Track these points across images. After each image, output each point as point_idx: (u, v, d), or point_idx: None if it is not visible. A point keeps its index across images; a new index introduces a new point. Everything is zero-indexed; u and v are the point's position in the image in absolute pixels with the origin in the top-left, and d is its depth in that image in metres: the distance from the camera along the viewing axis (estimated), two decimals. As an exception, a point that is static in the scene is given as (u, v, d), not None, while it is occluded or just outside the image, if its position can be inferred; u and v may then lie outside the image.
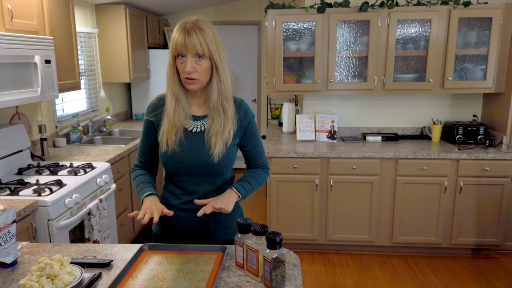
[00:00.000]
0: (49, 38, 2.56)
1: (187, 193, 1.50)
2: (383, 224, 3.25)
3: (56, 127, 3.35)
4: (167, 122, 1.45)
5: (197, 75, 1.39)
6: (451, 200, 3.16)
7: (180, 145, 1.45)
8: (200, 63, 1.37)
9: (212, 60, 1.39)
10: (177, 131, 1.45)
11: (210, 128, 1.46)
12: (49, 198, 2.10)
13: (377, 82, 3.31)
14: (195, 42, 1.34)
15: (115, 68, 4.08)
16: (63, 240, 2.20)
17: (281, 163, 3.18)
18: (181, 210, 1.51)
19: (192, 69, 1.37)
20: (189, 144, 1.46)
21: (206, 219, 1.50)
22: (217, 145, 1.43)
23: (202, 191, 1.50)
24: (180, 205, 1.51)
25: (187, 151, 1.45)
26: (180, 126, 1.45)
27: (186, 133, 1.47)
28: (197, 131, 1.48)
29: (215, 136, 1.44)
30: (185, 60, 1.37)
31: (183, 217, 1.51)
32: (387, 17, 3.20)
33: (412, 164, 3.11)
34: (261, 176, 1.59)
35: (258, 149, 1.58)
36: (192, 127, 1.48)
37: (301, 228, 3.30)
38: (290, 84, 3.43)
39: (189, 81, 1.40)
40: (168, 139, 1.44)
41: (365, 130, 3.70)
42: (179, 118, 1.45)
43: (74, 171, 2.53)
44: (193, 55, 1.36)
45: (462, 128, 3.34)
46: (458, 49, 3.23)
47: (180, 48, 1.36)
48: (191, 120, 1.48)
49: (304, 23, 3.32)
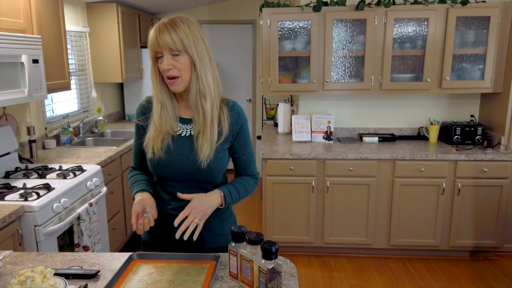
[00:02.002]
0: (36, 37, 2.48)
1: (177, 199, 1.42)
2: (380, 226, 3.20)
3: (45, 129, 3.26)
4: (153, 128, 1.39)
5: (177, 72, 1.31)
6: (449, 202, 3.12)
7: (167, 152, 1.38)
8: (178, 59, 1.30)
9: (189, 55, 1.32)
10: (163, 138, 1.38)
11: (194, 129, 1.39)
12: (36, 203, 2.02)
13: (374, 82, 3.26)
14: (166, 38, 1.27)
15: (107, 68, 4.00)
16: (50, 246, 2.13)
17: (276, 164, 3.12)
18: (171, 216, 1.43)
19: (170, 65, 1.30)
20: (177, 149, 1.39)
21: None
22: (203, 149, 1.36)
23: None
24: (170, 211, 1.44)
25: (174, 157, 1.38)
26: (167, 132, 1.38)
27: (173, 138, 1.40)
28: (186, 135, 1.41)
29: (201, 139, 1.37)
30: (163, 59, 1.31)
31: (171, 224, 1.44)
32: (384, 16, 3.14)
33: (410, 165, 3.06)
34: (250, 185, 1.51)
35: (249, 156, 1.50)
36: (180, 130, 1.41)
37: (297, 231, 3.24)
38: (286, 84, 3.37)
39: (171, 81, 1.33)
40: (154, 146, 1.37)
41: (361, 130, 3.65)
42: (165, 124, 1.38)
43: (63, 174, 2.45)
44: (168, 51, 1.29)
45: (460, 128, 3.29)
46: (455, 48, 3.18)
47: (154, 47, 1.30)
48: (179, 123, 1.41)
49: (300, 22, 3.26)
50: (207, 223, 1.41)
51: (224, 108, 1.43)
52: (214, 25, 5.36)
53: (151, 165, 1.41)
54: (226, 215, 1.52)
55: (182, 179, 1.40)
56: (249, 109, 5.56)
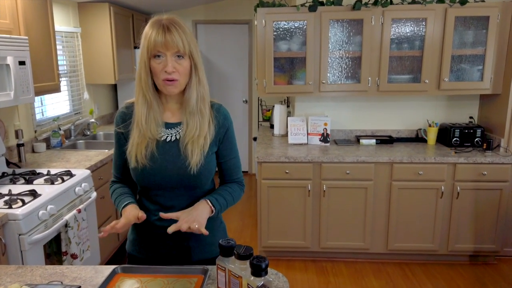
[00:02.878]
0: (23, 38, 2.40)
1: (163, 208, 1.36)
2: (378, 230, 3.13)
3: (35, 132, 3.18)
4: (137, 133, 1.31)
5: (178, 75, 1.26)
6: (448, 206, 3.06)
7: (151, 159, 1.31)
8: (181, 62, 1.25)
9: (192, 59, 1.27)
10: (147, 144, 1.31)
11: (185, 135, 1.32)
12: (20, 211, 1.95)
13: (371, 83, 3.19)
14: (177, 39, 1.22)
15: (99, 69, 3.92)
16: (36, 255, 2.05)
17: (272, 168, 3.05)
18: (157, 227, 1.37)
19: (173, 68, 1.24)
20: (163, 156, 1.32)
21: (185, 237, 1.36)
22: (194, 154, 1.30)
23: (180, 206, 1.36)
24: (156, 222, 1.36)
25: (160, 164, 1.31)
26: (152, 137, 1.31)
27: (158, 143, 1.32)
28: (171, 140, 1.33)
29: (191, 143, 1.31)
30: (163, 60, 1.24)
31: (160, 235, 1.37)
32: (381, 16, 3.08)
33: (408, 168, 2.99)
34: (237, 192, 1.45)
35: (235, 162, 1.44)
36: (164, 135, 1.34)
37: (293, 236, 3.17)
38: (281, 85, 3.30)
39: (169, 83, 1.26)
40: (138, 153, 1.30)
41: (358, 132, 3.58)
42: (151, 128, 1.30)
43: (51, 180, 2.38)
44: (173, 53, 1.24)
45: (459, 130, 3.23)
46: (454, 49, 3.12)
47: (160, 47, 1.23)
48: (163, 128, 1.34)
49: (295, 22, 3.19)
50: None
51: (210, 111, 1.38)
52: (209, 25, 5.28)
53: (135, 174, 1.33)
54: (216, 223, 1.45)
55: (169, 187, 1.33)
56: (245, 110, 5.49)
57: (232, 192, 1.43)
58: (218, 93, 5.38)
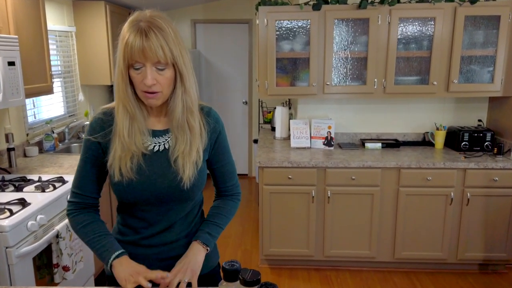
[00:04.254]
0: (13, 37, 2.27)
1: (150, 225, 1.22)
2: (384, 238, 3.01)
3: (27, 135, 3.05)
4: (120, 147, 1.14)
5: (159, 87, 1.10)
6: (458, 213, 2.94)
7: (138, 172, 1.16)
8: (163, 73, 1.09)
9: (176, 67, 1.11)
10: (133, 156, 1.15)
11: (174, 149, 1.18)
12: (7, 222, 1.82)
13: (377, 85, 3.07)
14: (155, 46, 1.05)
15: (95, 69, 3.79)
16: (25, 269, 1.92)
17: (274, 173, 2.93)
18: (142, 246, 1.23)
19: (154, 80, 1.08)
20: (150, 168, 1.17)
21: (174, 255, 1.23)
22: (186, 169, 1.16)
23: (169, 221, 1.23)
24: (141, 241, 1.23)
25: (148, 177, 1.17)
26: (137, 150, 1.16)
27: (145, 155, 1.18)
28: (159, 150, 1.19)
29: (182, 158, 1.17)
30: (142, 71, 1.08)
31: (145, 255, 1.23)
32: (388, 15, 2.96)
33: (416, 174, 2.87)
34: (231, 209, 1.33)
35: (229, 167, 1.31)
36: (152, 145, 1.19)
37: (296, 244, 3.04)
38: (284, 87, 3.18)
39: (150, 95, 1.11)
40: (122, 166, 1.14)
41: (363, 136, 3.46)
42: (135, 141, 1.15)
43: (42, 187, 2.25)
44: (154, 64, 1.07)
45: (468, 134, 3.11)
46: (464, 49, 3.00)
47: (137, 56, 1.06)
48: (149, 137, 1.19)
49: (299, 21, 3.07)
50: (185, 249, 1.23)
51: (200, 115, 1.24)
52: (208, 24, 5.15)
53: (118, 189, 1.17)
54: None
55: (157, 202, 1.19)
56: (245, 112, 5.36)
57: (226, 213, 1.31)
58: (217, 94, 5.25)
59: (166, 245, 1.23)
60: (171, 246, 1.24)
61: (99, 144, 1.19)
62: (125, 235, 1.25)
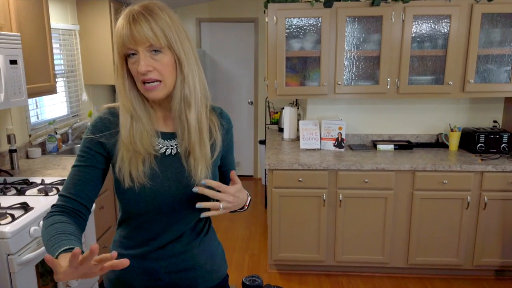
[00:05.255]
0: (15, 35, 2.19)
1: (158, 236, 1.12)
2: (398, 243, 2.91)
3: (29, 136, 2.96)
4: (125, 150, 1.05)
5: (158, 74, 1.00)
6: (474, 217, 2.84)
7: (151, 177, 1.06)
8: (158, 57, 1.00)
9: (173, 52, 1.01)
10: (144, 159, 1.05)
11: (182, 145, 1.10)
12: (9, 228, 1.73)
13: (390, 85, 2.97)
14: (144, 29, 0.97)
15: (99, 68, 3.70)
16: (27, 276, 1.83)
17: (284, 175, 2.83)
18: (149, 260, 1.13)
19: (149, 67, 0.99)
20: (164, 173, 1.07)
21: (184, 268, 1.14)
22: (198, 170, 1.07)
23: (179, 231, 1.13)
24: (148, 254, 1.13)
25: (161, 183, 1.07)
26: (146, 152, 1.06)
27: (157, 158, 1.08)
28: (171, 153, 1.10)
29: (192, 158, 1.08)
30: (137, 59, 0.99)
31: (153, 269, 1.13)
32: (402, 13, 2.86)
33: (431, 177, 2.78)
34: None
35: (234, 167, 1.27)
36: (163, 148, 1.09)
37: (307, 248, 2.95)
38: (293, 87, 3.08)
39: (149, 86, 1.01)
40: (132, 169, 1.04)
41: (375, 137, 3.36)
42: (142, 142, 1.05)
43: (45, 190, 2.16)
44: (146, 48, 0.99)
45: (484, 135, 3.01)
46: (480, 48, 2.90)
47: (126, 42, 0.98)
48: (160, 139, 1.10)
49: (309, 19, 2.97)
50: (195, 260, 1.14)
51: (213, 117, 1.15)
52: (214, 23, 5.07)
53: (128, 198, 1.06)
54: (214, 246, 1.24)
55: (169, 210, 1.08)
56: (251, 112, 5.27)
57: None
58: (222, 94, 5.16)
59: (175, 257, 1.14)
60: (180, 258, 1.14)
61: (101, 145, 1.07)
62: (129, 249, 1.14)
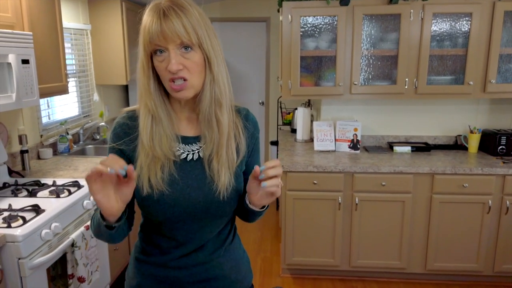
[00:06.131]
0: (27, 34, 2.15)
1: (180, 244, 1.06)
2: (415, 248, 2.83)
3: (41, 136, 2.94)
4: (144, 153, 1.00)
5: (187, 73, 0.95)
6: (495, 222, 2.74)
7: (170, 184, 1.00)
8: (189, 56, 0.94)
9: (203, 50, 0.95)
10: (163, 165, 1.00)
11: (205, 151, 1.03)
12: (20, 232, 1.69)
13: (408, 85, 2.89)
14: (177, 24, 0.91)
15: (110, 68, 3.67)
16: (39, 280, 1.79)
17: (298, 178, 2.77)
18: (172, 268, 1.08)
19: (180, 65, 0.93)
20: (184, 179, 1.02)
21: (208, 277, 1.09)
22: (222, 175, 1.01)
23: (202, 239, 1.07)
24: (170, 262, 1.07)
25: (181, 190, 1.01)
26: (165, 157, 1.00)
27: (176, 163, 1.02)
28: (193, 159, 1.04)
29: (216, 162, 1.01)
30: (166, 56, 0.93)
31: (175, 278, 1.08)
32: (421, 10, 2.77)
33: (451, 180, 2.69)
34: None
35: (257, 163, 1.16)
36: (184, 153, 1.04)
37: (321, 253, 2.88)
38: (308, 87, 3.01)
39: (176, 87, 0.95)
40: (151, 176, 0.99)
41: (391, 138, 3.28)
42: (161, 146, 0.99)
43: (57, 192, 2.12)
44: (177, 46, 0.93)
45: (505, 137, 2.91)
46: (502, 47, 2.80)
47: (156, 39, 0.92)
48: (181, 144, 1.04)
49: (325, 18, 2.90)
50: (219, 269, 1.09)
51: (238, 118, 1.08)
52: (225, 23, 5.01)
53: (147, 205, 1.01)
54: (239, 254, 1.18)
55: (190, 218, 1.03)
56: (262, 113, 5.21)
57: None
58: (233, 94, 5.09)
59: (198, 266, 1.08)
60: (204, 267, 1.09)
61: (122, 153, 1.04)
62: (150, 255, 1.09)
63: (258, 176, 0.92)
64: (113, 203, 0.90)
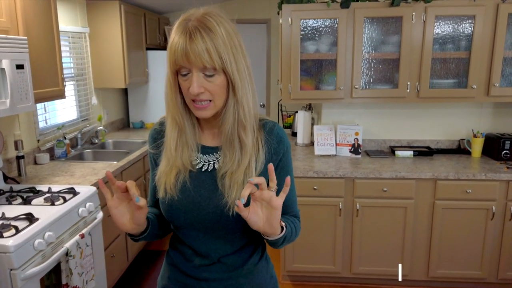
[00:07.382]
0: (22, 39, 2.12)
1: (197, 254, 1.07)
2: (418, 255, 2.78)
3: (38, 141, 2.90)
4: (165, 161, 1.05)
5: (209, 95, 0.96)
6: (499, 228, 2.69)
7: (181, 191, 1.03)
8: (212, 79, 0.95)
9: (227, 74, 0.95)
10: (178, 173, 1.04)
11: (222, 167, 1.01)
12: (12, 242, 1.65)
13: (410, 89, 2.84)
14: (200, 50, 0.91)
15: (109, 72, 3.64)
16: (31, 292, 1.75)
17: (298, 183, 2.72)
18: (192, 278, 1.08)
19: (201, 88, 0.94)
20: (196, 188, 1.03)
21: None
22: (233, 191, 0.98)
23: (217, 253, 1.06)
24: (191, 270, 1.08)
25: (191, 198, 1.02)
26: (183, 166, 1.03)
27: (191, 173, 1.04)
28: (208, 169, 1.04)
29: (229, 178, 0.99)
30: (189, 77, 0.94)
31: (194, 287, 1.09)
32: (423, 13, 2.73)
33: (454, 186, 2.64)
34: (298, 228, 1.08)
35: (290, 195, 1.08)
36: (201, 163, 1.05)
37: (322, 259, 2.83)
38: (308, 91, 2.97)
39: (199, 107, 0.96)
40: (167, 181, 1.04)
41: (393, 143, 3.23)
42: (182, 156, 1.03)
43: (51, 200, 2.08)
44: (200, 69, 0.92)
45: (509, 142, 2.86)
46: (506, 50, 2.75)
47: (181, 60, 0.92)
48: (198, 154, 1.05)
49: (325, 20, 2.86)
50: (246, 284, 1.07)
51: (260, 132, 1.05)
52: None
53: (162, 208, 1.07)
54: (265, 279, 1.12)
55: (203, 228, 1.04)
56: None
57: (295, 225, 1.07)
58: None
59: (217, 281, 1.07)
60: (223, 284, 1.07)
61: (153, 156, 1.13)
62: (175, 261, 1.13)
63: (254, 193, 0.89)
64: (125, 221, 0.95)
